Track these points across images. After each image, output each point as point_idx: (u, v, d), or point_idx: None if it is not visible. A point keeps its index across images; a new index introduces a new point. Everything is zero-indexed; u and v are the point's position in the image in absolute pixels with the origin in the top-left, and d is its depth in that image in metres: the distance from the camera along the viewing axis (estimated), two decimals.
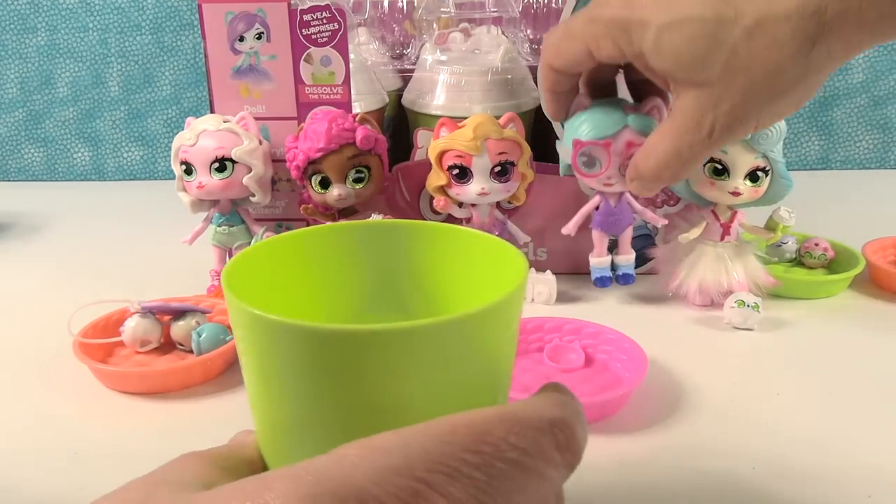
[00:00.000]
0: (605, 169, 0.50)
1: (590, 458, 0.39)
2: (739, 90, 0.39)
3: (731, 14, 0.37)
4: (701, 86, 0.40)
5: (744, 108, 0.39)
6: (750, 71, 0.38)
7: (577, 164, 0.50)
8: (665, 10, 0.39)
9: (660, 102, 0.50)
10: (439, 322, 0.25)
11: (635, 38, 0.41)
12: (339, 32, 0.56)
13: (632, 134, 0.48)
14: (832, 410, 0.43)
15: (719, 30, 0.38)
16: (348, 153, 0.53)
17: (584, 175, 0.51)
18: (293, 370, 0.26)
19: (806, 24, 0.36)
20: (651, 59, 0.41)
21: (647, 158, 0.43)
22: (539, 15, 0.68)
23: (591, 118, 0.49)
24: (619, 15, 0.41)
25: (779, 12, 0.36)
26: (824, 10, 0.35)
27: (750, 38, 0.37)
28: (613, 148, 0.49)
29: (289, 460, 0.29)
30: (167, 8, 0.91)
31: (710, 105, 0.40)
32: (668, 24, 0.39)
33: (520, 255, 0.31)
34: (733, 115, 0.40)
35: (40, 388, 0.46)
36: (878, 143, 0.94)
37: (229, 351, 0.47)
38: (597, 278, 0.57)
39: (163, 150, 0.96)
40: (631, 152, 0.48)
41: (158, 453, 0.40)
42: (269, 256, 0.34)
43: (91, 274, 0.64)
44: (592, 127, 0.49)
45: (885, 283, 0.59)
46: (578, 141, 0.49)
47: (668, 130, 0.42)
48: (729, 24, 0.37)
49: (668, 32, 0.39)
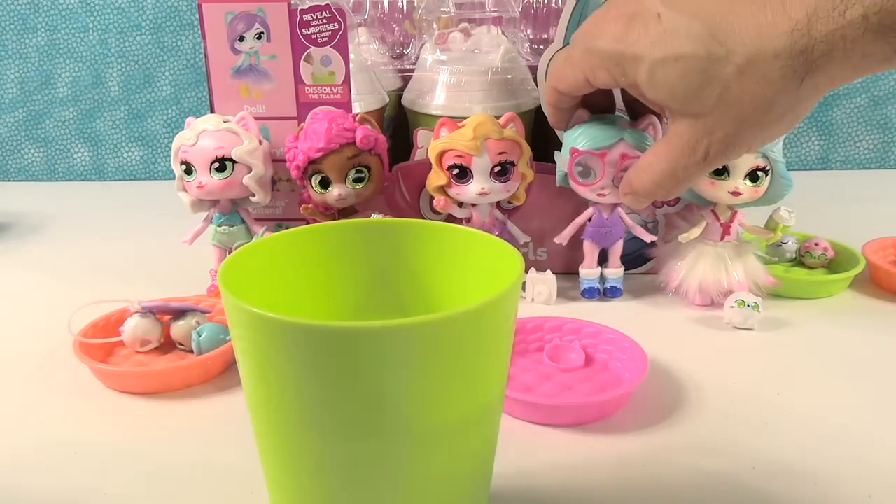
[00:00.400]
0: (599, 179, 0.52)
1: (590, 458, 0.39)
2: (732, 121, 0.41)
3: (721, 52, 0.39)
4: (696, 116, 0.41)
5: (737, 135, 0.41)
6: (742, 104, 0.40)
7: (573, 172, 0.53)
8: (658, 47, 0.41)
9: (654, 120, 0.53)
10: (434, 319, 0.25)
11: (629, 71, 0.43)
12: (339, 32, 0.56)
13: (626, 147, 0.51)
14: (832, 410, 0.43)
15: (711, 67, 0.39)
16: (348, 153, 0.53)
17: (579, 184, 0.53)
18: (290, 367, 0.26)
19: (794, 63, 0.38)
20: (646, 91, 0.43)
21: (642, 176, 0.46)
22: (539, 15, 0.68)
23: (588, 130, 0.52)
24: (613, 49, 0.43)
25: (768, 51, 0.38)
26: (811, 50, 0.37)
27: (741, 75, 0.39)
28: (608, 158, 0.52)
29: (287, 458, 0.29)
30: (167, 8, 0.91)
31: (705, 133, 0.42)
32: (661, 60, 0.41)
33: (516, 255, 0.31)
34: (727, 142, 0.41)
35: (40, 388, 0.46)
36: (878, 143, 0.94)
37: (229, 351, 0.47)
38: (585, 289, 0.58)
39: (163, 150, 0.96)
40: (625, 164, 0.51)
41: (158, 453, 0.40)
42: (266, 255, 0.34)
43: (91, 274, 0.64)
44: (590, 138, 0.52)
45: (885, 283, 0.59)
46: (575, 149, 0.52)
47: (663, 152, 0.44)
48: (720, 61, 0.39)
49: (662, 68, 0.41)
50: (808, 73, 0.38)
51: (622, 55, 0.42)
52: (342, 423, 0.27)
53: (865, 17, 0.35)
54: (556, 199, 0.58)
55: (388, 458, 0.27)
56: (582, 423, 0.42)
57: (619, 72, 0.43)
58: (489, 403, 0.30)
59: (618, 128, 0.52)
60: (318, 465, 0.28)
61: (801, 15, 0.37)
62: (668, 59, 0.40)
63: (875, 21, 0.35)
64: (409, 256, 0.36)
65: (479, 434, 0.30)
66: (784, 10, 0.37)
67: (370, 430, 0.27)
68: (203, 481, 0.37)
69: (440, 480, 0.29)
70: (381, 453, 0.27)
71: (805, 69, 0.38)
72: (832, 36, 0.36)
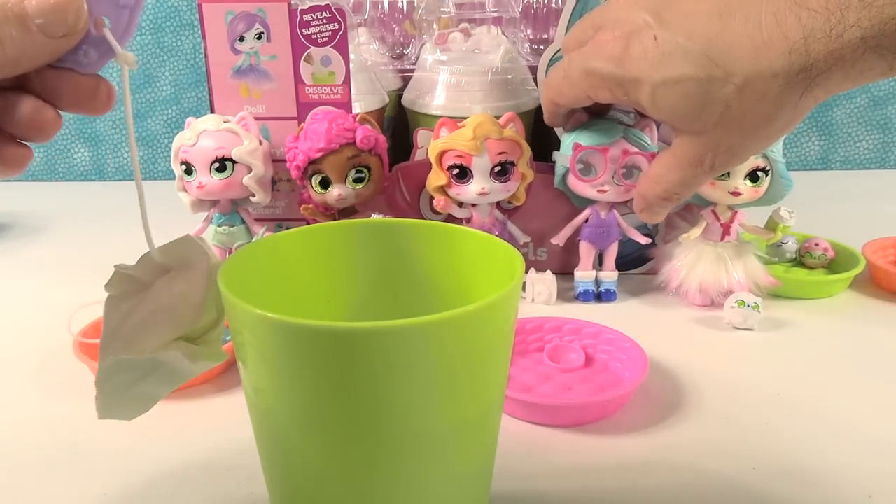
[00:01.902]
0: (600, 175, 0.53)
1: (590, 458, 0.39)
2: (735, 135, 0.42)
3: (720, 73, 0.40)
4: (699, 133, 0.43)
5: (741, 146, 0.43)
6: (744, 120, 0.41)
7: (575, 168, 0.53)
8: (657, 70, 0.42)
9: (650, 121, 0.54)
10: (435, 320, 0.25)
11: (631, 92, 0.44)
12: (339, 32, 0.56)
13: (627, 144, 0.52)
14: (832, 410, 0.43)
15: (711, 88, 0.40)
16: (348, 153, 0.53)
17: (581, 180, 0.54)
18: (290, 368, 0.26)
19: (794, 80, 0.38)
20: (649, 111, 0.44)
21: (655, 187, 0.47)
22: (539, 15, 0.68)
23: (589, 129, 0.53)
24: (612, 72, 0.44)
25: (766, 71, 0.39)
26: (810, 69, 0.38)
27: (741, 94, 0.40)
28: (610, 154, 0.52)
29: (286, 459, 0.29)
30: (167, 8, 0.91)
31: (710, 147, 0.43)
32: (661, 82, 0.42)
33: (516, 255, 0.31)
34: (731, 153, 0.43)
35: (40, 387, 0.46)
36: (878, 143, 0.94)
37: (229, 351, 0.47)
38: (580, 292, 0.58)
39: (163, 150, 0.96)
40: (626, 161, 0.52)
41: (158, 453, 0.40)
42: (266, 255, 0.34)
43: (91, 274, 0.64)
44: (592, 134, 0.53)
45: (885, 283, 0.59)
46: (578, 144, 0.53)
47: (672, 164, 0.45)
48: (719, 82, 0.40)
49: (663, 90, 0.42)
50: (807, 89, 0.39)
51: (623, 78, 0.43)
52: (341, 423, 0.27)
53: (864, 39, 0.36)
54: (557, 200, 0.58)
55: (387, 459, 0.27)
56: (582, 423, 0.42)
57: (621, 92, 0.44)
58: (489, 404, 0.30)
59: (617, 127, 0.53)
60: (317, 466, 0.28)
61: (798, 36, 0.37)
62: (668, 81, 0.41)
63: (874, 43, 0.36)
64: (409, 256, 0.36)
65: (479, 434, 0.30)
66: (780, 29, 0.38)
67: (369, 431, 0.27)
68: (203, 481, 0.37)
69: (440, 481, 0.29)
70: (381, 453, 0.27)
71: (804, 86, 0.38)
72: (831, 56, 0.37)
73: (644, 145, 0.52)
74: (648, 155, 0.52)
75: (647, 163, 0.52)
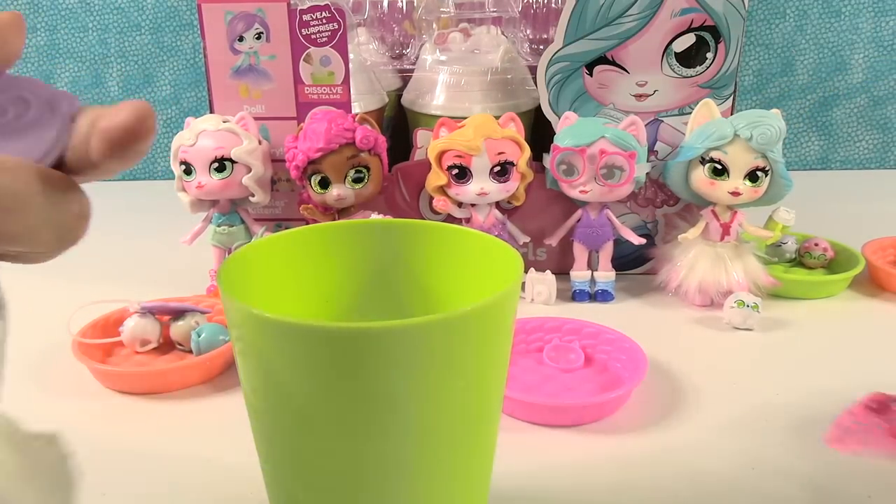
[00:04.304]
0: (580, 175, 0.54)
1: (590, 458, 0.39)
2: None
3: None
4: None
5: None
6: None
7: (557, 170, 0.54)
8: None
9: (637, 120, 0.54)
10: (434, 320, 0.25)
11: None
12: (339, 32, 0.56)
13: (607, 144, 0.53)
14: (832, 410, 0.43)
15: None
16: (348, 153, 0.53)
17: (563, 181, 0.55)
18: (290, 368, 0.26)
19: None
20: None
21: None
22: (539, 15, 0.68)
23: (572, 130, 0.54)
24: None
25: None
26: None
27: None
28: (588, 154, 0.53)
29: (286, 459, 0.29)
30: (167, 8, 0.91)
31: None
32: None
33: (516, 255, 0.31)
34: None
35: (39, 388, 0.46)
36: (878, 143, 0.94)
37: (228, 351, 0.47)
38: (575, 292, 0.58)
39: (162, 150, 0.96)
40: (604, 160, 0.53)
41: (158, 453, 0.40)
42: (266, 255, 0.34)
43: (91, 274, 0.64)
44: (571, 136, 0.54)
45: (885, 283, 0.59)
46: (556, 147, 0.54)
47: None
48: None
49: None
50: None
51: None
52: (341, 423, 0.27)
53: None
54: (556, 200, 0.58)
55: (387, 459, 0.27)
56: (582, 423, 0.42)
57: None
58: (489, 404, 0.30)
59: (600, 127, 0.53)
60: (317, 466, 0.28)
61: None
62: None
63: None
64: (409, 257, 0.36)
65: (479, 434, 0.30)
66: None
67: (369, 431, 0.27)
68: (203, 481, 0.37)
69: (440, 481, 0.29)
70: (380, 454, 0.27)
71: None
72: None
73: (627, 146, 0.53)
74: (627, 154, 0.52)
75: (628, 163, 0.52)
